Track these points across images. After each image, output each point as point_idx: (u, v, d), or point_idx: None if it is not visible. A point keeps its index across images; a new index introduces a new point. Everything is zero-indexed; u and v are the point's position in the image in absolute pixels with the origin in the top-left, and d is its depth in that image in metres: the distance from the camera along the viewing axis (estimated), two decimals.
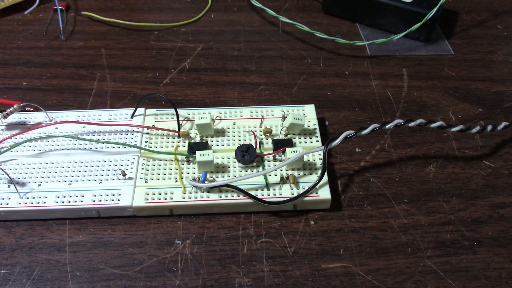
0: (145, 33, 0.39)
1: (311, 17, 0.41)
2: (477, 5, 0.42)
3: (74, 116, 0.30)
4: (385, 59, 0.36)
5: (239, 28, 0.39)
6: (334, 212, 0.26)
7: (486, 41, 0.38)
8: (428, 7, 0.35)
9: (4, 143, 0.28)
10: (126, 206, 0.25)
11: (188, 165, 0.27)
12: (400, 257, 0.24)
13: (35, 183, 0.26)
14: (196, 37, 0.38)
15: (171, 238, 0.25)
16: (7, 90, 0.33)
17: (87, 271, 0.24)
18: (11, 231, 0.25)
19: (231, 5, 0.42)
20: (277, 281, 0.23)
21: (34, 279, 0.23)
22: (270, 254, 0.24)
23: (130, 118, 0.30)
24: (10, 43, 0.37)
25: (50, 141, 0.28)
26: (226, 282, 0.23)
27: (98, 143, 0.28)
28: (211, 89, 0.34)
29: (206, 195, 0.26)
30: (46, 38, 0.38)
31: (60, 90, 0.33)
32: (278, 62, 0.36)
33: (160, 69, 0.35)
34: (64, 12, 0.40)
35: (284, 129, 0.29)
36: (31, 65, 0.35)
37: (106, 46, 0.37)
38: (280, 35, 0.39)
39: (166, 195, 0.26)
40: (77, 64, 0.36)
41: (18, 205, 0.25)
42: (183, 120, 0.29)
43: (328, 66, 0.36)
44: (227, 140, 0.28)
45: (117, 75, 0.35)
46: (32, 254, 0.24)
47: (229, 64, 0.36)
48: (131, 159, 0.27)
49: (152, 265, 0.24)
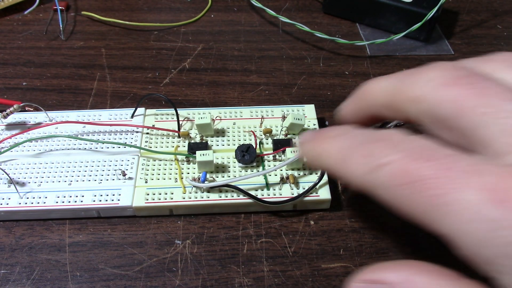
0: (145, 33, 0.39)
1: (311, 17, 0.41)
2: (477, 5, 0.42)
3: (74, 116, 0.30)
4: (385, 59, 0.36)
5: (239, 28, 0.39)
6: (334, 212, 0.26)
7: (486, 41, 0.38)
8: (428, 7, 0.35)
9: (4, 143, 0.28)
10: (126, 206, 0.25)
11: (188, 165, 0.27)
12: (400, 257, 0.24)
13: (35, 183, 0.26)
14: (196, 37, 0.38)
15: (171, 238, 0.25)
16: (7, 90, 0.33)
17: (87, 271, 0.24)
18: (11, 231, 0.25)
19: (231, 5, 0.42)
20: (277, 281, 0.23)
21: (34, 279, 0.23)
22: (270, 254, 0.24)
23: (130, 118, 0.30)
24: (10, 43, 0.37)
25: (50, 141, 0.28)
26: (226, 282, 0.23)
27: (98, 143, 0.28)
28: (211, 89, 0.34)
29: (206, 195, 0.26)
30: (46, 38, 0.38)
31: (60, 90, 0.33)
32: (278, 62, 0.36)
33: (160, 69, 0.35)
34: (64, 12, 0.40)
35: (284, 129, 0.29)
36: (31, 65, 0.36)
37: (106, 46, 0.37)
38: (280, 35, 0.39)
39: (166, 195, 0.26)
40: (77, 64, 0.36)
41: (18, 205, 0.25)
42: (183, 120, 0.29)
43: (328, 66, 0.36)
44: (227, 140, 0.28)
45: (117, 75, 0.35)
46: (32, 254, 0.24)
47: (229, 64, 0.36)
48: (131, 159, 0.27)
49: (152, 265, 0.24)
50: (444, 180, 0.12)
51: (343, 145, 0.16)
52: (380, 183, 0.14)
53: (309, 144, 0.19)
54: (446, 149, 0.14)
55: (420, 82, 0.16)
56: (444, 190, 0.12)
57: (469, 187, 0.12)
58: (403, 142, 0.14)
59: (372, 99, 0.19)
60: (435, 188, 0.12)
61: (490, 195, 0.11)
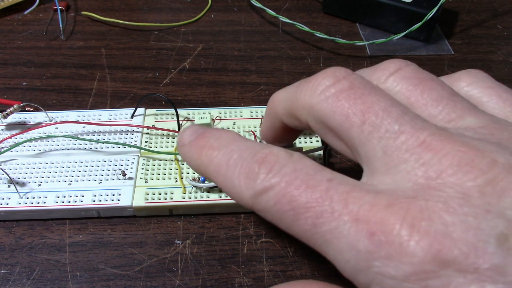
0: (145, 33, 0.39)
1: (311, 17, 0.41)
2: (477, 5, 0.42)
3: (74, 116, 0.30)
4: (385, 59, 0.36)
5: (239, 28, 0.39)
6: None
7: (486, 41, 0.38)
8: (428, 7, 0.35)
9: (4, 143, 0.28)
10: (126, 206, 0.25)
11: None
12: None
13: (35, 183, 0.26)
14: (196, 37, 0.38)
15: (171, 238, 0.25)
16: (7, 90, 0.33)
17: (87, 271, 0.24)
18: (11, 231, 0.25)
19: (231, 5, 0.42)
20: (277, 281, 0.23)
21: (34, 279, 0.23)
22: (270, 254, 0.24)
23: (130, 118, 0.30)
24: (10, 43, 0.37)
25: (50, 141, 0.28)
26: (226, 282, 0.23)
27: (98, 143, 0.28)
28: (211, 89, 0.34)
29: (206, 195, 0.26)
30: (46, 38, 0.38)
31: (60, 90, 0.33)
32: (278, 62, 0.36)
33: (160, 69, 0.35)
34: (64, 12, 0.40)
35: None
36: (31, 65, 0.36)
37: (106, 46, 0.37)
38: (280, 35, 0.39)
39: (166, 195, 0.26)
40: (77, 64, 0.36)
41: (18, 205, 0.25)
42: (183, 120, 0.29)
43: (328, 66, 0.36)
44: None
45: (117, 75, 0.35)
46: (32, 254, 0.24)
47: (229, 64, 0.36)
48: (131, 159, 0.27)
49: (152, 265, 0.24)
50: (323, 208, 0.13)
51: (226, 161, 0.16)
52: (265, 207, 0.14)
53: (188, 149, 0.17)
54: (326, 171, 0.14)
55: (312, 90, 0.15)
56: (324, 218, 0.13)
57: (345, 217, 0.12)
58: (286, 164, 0.14)
59: (276, 110, 0.19)
60: (316, 216, 0.13)
61: (363, 226, 0.12)
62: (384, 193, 0.13)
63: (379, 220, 0.12)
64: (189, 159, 0.17)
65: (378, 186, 0.13)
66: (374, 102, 0.14)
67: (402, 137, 0.13)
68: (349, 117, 0.14)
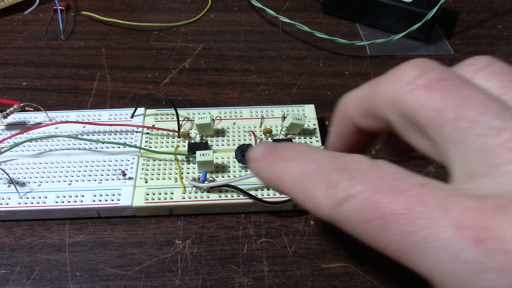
0: (145, 33, 0.39)
1: (311, 17, 0.41)
2: (477, 5, 0.42)
3: (74, 116, 0.30)
4: (385, 59, 0.36)
5: (239, 28, 0.39)
6: None
7: (486, 41, 0.38)
8: (428, 7, 0.35)
9: (4, 143, 0.28)
10: (126, 206, 0.25)
11: (188, 165, 0.27)
12: None
13: (35, 183, 0.26)
14: (196, 37, 0.38)
15: (171, 238, 0.25)
16: (7, 90, 0.33)
17: (87, 271, 0.24)
18: (11, 231, 0.25)
19: (231, 5, 0.42)
20: (277, 281, 0.23)
21: (34, 279, 0.23)
22: (270, 254, 0.24)
23: (130, 118, 0.30)
24: (10, 43, 0.37)
25: (50, 141, 0.28)
26: (226, 282, 0.23)
27: (98, 143, 0.28)
28: (211, 89, 0.34)
29: (206, 195, 0.26)
30: (46, 38, 0.38)
31: (60, 90, 0.33)
32: (278, 62, 0.36)
33: (160, 69, 0.35)
34: (64, 12, 0.40)
35: (284, 129, 0.29)
36: (31, 65, 0.36)
37: (106, 46, 0.37)
38: (280, 35, 0.39)
39: (166, 195, 0.26)
40: (77, 64, 0.36)
41: (18, 205, 0.25)
42: (183, 120, 0.29)
43: (328, 66, 0.36)
44: (227, 140, 0.28)
45: (117, 75, 0.35)
46: (32, 254, 0.24)
47: (229, 64, 0.36)
48: (131, 159, 0.27)
49: (152, 265, 0.24)
50: (417, 214, 0.11)
51: (302, 171, 0.14)
52: (347, 217, 0.13)
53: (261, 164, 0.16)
54: (416, 177, 0.12)
55: (395, 82, 0.14)
56: (417, 225, 0.11)
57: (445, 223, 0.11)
58: (370, 170, 0.13)
59: (348, 112, 0.17)
60: (408, 224, 0.11)
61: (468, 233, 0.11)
62: (489, 197, 0.11)
63: (487, 225, 0.10)
64: (262, 173, 0.16)
65: (478, 190, 0.12)
66: (471, 96, 0.12)
67: (505, 134, 0.12)
68: (442, 111, 0.13)
